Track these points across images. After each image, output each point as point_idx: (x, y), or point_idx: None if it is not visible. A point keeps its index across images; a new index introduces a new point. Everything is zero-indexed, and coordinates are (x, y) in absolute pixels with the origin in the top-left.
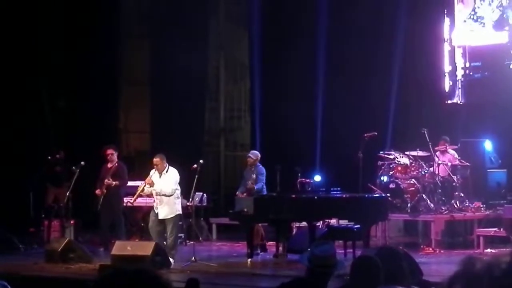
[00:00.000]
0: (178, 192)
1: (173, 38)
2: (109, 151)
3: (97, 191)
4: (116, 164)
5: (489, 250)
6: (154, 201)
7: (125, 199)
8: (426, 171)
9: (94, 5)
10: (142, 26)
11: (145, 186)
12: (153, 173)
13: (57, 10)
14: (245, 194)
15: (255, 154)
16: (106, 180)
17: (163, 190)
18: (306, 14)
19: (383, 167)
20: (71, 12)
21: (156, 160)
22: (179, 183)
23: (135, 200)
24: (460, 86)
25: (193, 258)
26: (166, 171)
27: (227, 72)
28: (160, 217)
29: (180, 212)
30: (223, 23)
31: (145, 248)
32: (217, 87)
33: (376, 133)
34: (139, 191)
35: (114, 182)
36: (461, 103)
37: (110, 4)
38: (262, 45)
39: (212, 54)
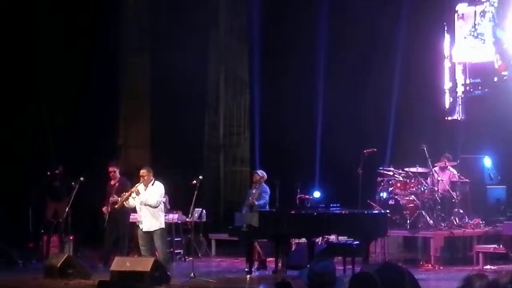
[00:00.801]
0: (163, 206)
1: (173, 53)
2: (111, 169)
3: (104, 209)
4: (120, 181)
5: (488, 266)
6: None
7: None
8: (425, 188)
9: (93, 18)
10: (142, 41)
11: (130, 195)
12: (139, 185)
13: (57, 23)
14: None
15: (262, 173)
16: (111, 198)
17: (148, 201)
18: (306, 31)
19: (382, 183)
20: (71, 25)
21: (142, 171)
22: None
23: (119, 206)
24: (460, 103)
25: (192, 274)
26: (152, 184)
27: (227, 87)
28: (144, 229)
29: (164, 227)
30: (224, 38)
31: (144, 264)
32: (217, 102)
33: (375, 150)
34: (123, 199)
35: (119, 199)
36: (461, 120)
37: (110, 20)
38: (262, 61)
39: (212, 69)
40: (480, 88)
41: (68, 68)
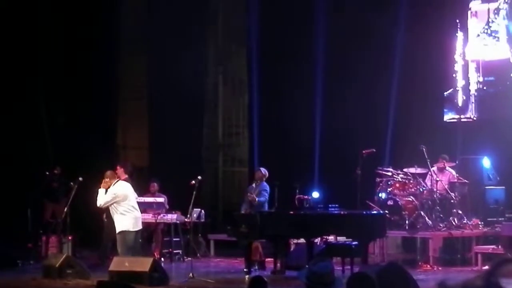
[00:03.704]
0: (126, 206)
1: (172, 53)
2: (117, 168)
3: None
4: (117, 182)
5: (487, 267)
6: None
7: None
8: (424, 188)
9: (93, 21)
10: (141, 42)
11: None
12: (100, 190)
13: (57, 26)
14: (247, 210)
15: (264, 171)
16: None
17: (98, 201)
18: (304, 30)
19: (381, 184)
20: (70, 27)
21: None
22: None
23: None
24: (473, 101)
25: (191, 274)
26: (114, 184)
27: (225, 88)
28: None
29: (128, 229)
30: (222, 38)
31: (143, 264)
32: (216, 103)
33: (374, 150)
34: None
35: None
36: (474, 118)
37: (109, 19)
38: (260, 61)
39: (211, 70)
40: (492, 86)
41: (67, 68)
